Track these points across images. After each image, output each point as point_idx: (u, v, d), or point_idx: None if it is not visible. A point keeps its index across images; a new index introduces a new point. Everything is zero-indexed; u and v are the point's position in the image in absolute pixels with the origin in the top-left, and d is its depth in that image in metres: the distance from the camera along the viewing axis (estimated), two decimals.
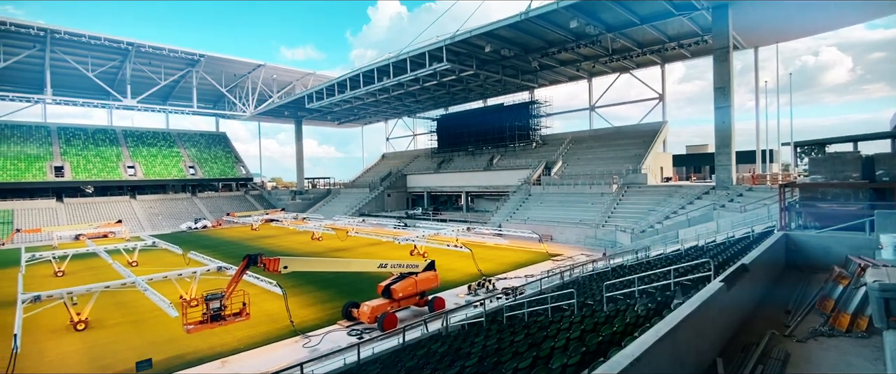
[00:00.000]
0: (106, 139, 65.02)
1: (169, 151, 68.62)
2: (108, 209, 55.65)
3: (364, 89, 47.25)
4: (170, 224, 55.04)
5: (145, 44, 51.66)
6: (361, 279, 21.41)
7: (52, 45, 48.19)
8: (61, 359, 13.84)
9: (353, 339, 14.76)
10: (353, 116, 72.18)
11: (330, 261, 16.30)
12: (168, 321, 16.14)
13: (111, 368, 13.03)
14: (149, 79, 57.51)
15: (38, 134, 59.99)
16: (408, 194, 65.15)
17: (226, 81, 63.47)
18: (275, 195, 75.14)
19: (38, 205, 52.53)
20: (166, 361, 13.29)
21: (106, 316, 17.81)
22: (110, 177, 58.64)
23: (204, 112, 69.81)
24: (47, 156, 56.93)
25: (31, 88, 55.06)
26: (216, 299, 14.09)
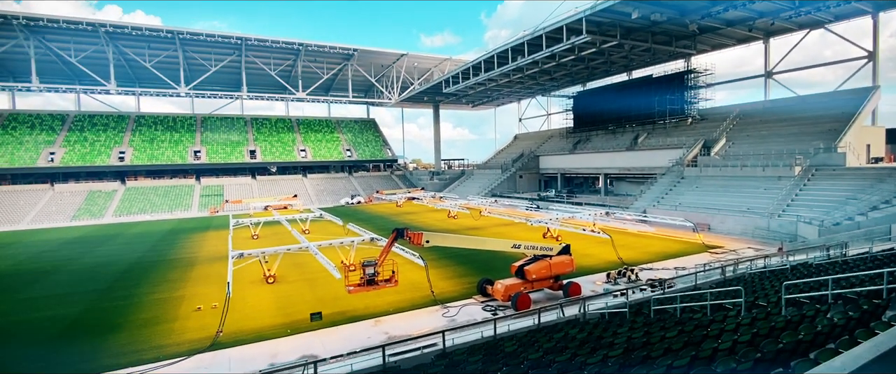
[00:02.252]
0: (284, 127, 77.63)
1: (330, 136, 78.82)
2: (287, 185, 66.73)
3: (498, 70, 47.22)
4: (332, 199, 63.62)
5: (311, 43, 59.57)
6: (495, 258, 21.85)
7: (246, 50, 58.88)
8: (258, 304, 17.23)
9: (488, 314, 15.22)
10: (486, 98, 72.99)
11: (466, 238, 16.97)
12: (333, 281, 18.77)
13: (293, 316, 15.74)
14: (314, 74, 66.44)
15: (238, 124, 74.52)
16: (540, 175, 63.80)
17: (374, 71, 69.83)
18: (415, 175, 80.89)
19: (239, 181, 65.74)
20: (331, 315, 15.53)
21: (287, 273, 21.52)
22: (288, 158, 70.07)
23: (357, 101, 78.08)
24: (244, 142, 70.46)
25: (231, 88, 68.38)
26: (371, 266, 15.85)
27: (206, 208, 55.51)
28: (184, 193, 59.50)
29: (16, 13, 46.14)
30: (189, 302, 17.64)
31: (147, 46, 55.40)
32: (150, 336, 14.29)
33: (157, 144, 64.25)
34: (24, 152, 55.83)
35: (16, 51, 51.16)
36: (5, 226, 45.26)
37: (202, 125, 71.51)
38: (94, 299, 18.82)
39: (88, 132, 62.66)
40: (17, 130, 59.28)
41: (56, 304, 18.21)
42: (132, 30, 50.68)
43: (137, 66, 58.28)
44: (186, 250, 29.92)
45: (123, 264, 25.55)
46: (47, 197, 53.02)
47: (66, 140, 59.95)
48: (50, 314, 16.82)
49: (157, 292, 19.53)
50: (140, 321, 15.74)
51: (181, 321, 15.56)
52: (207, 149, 66.03)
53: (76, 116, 65.06)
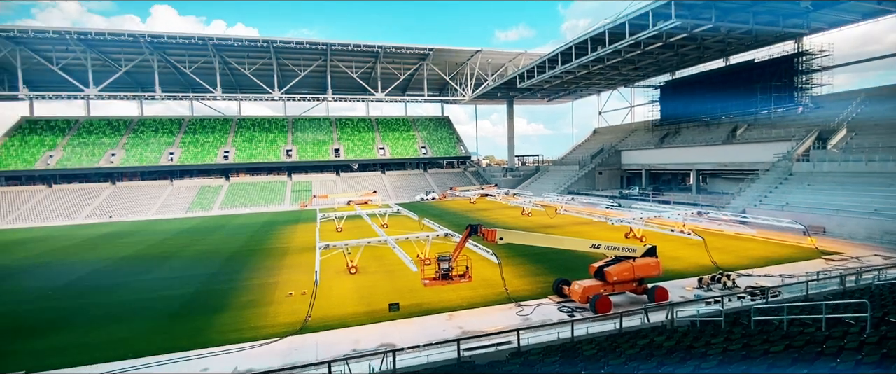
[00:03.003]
0: (365, 126, 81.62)
1: (406, 134, 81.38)
2: (367, 181, 70.15)
3: (576, 62, 45.39)
4: (408, 195, 65.70)
5: (389, 45, 61.86)
6: (572, 258, 21.11)
7: (330, 55, 62.74)
8: (342, 292, 18.33)
9: (564, 316, 14.76)
10: (562, 92, 70.58)
11: (542, 236, 16.58)
12: (409, 274, 19.40)
13: (373, 305, 16.54)
14: (392, 75, 68.99)
15: (324, 125, 79.74)
16: (622, 171, 60.34)
17: (448, 69, 70.74)
18: (488, 172, 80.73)
19: (325, 178, 70.38)
20: (408, 306, 16.06)
21: (368, 265, 22.64)
22: (368, 156, 73.61)
23: (432, 99, 79.74)
24: (330, 141, 75.25)
25: (318, 90, 73.27)
26: (446, 261, 16.13)
27: (296, 203, 60.24)
28: (277, 188, 65.08)
29: (142, 32, 53.47)
30: (282, 288, 19.28)
31: (246, 55, 61.26)
32: (249, 317, 15.86)
33: (255, 144, 70.92)
34: (150, 153, 64.70)
35: (143, 65, 59.33)
36: (136, 216, 52.89)
37: (293, 126, 77.59)
38: (203, 281, 21.31)
39: (199, 134, 70.91)
40: (144, 133, 68.89)
41: (174, 285, 20.90)
42: (234, 41, 56.34)
43: (238, 73, 64.69)
44: (279, 240, 32.71)
45: (227, 252, 28.60)
46: (168, 191, 60.98)
47: (182, 142, 68.42)
48: (170, 294, 19.35)
49: (254, 277, 21.61)
50: (241, 304, 17.52)
51: (275, 306, 17.06)
52: (298, 148, 71.51)
53: (190, 120, 73.96)
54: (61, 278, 23.04)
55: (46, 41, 52.72)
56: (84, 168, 60.26)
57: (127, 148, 64.77)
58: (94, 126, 68.46)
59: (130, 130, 69.08)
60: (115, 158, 62.36)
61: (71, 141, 64.40)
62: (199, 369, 11.86)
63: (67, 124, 67.85)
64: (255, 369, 11.12)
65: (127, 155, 63.40)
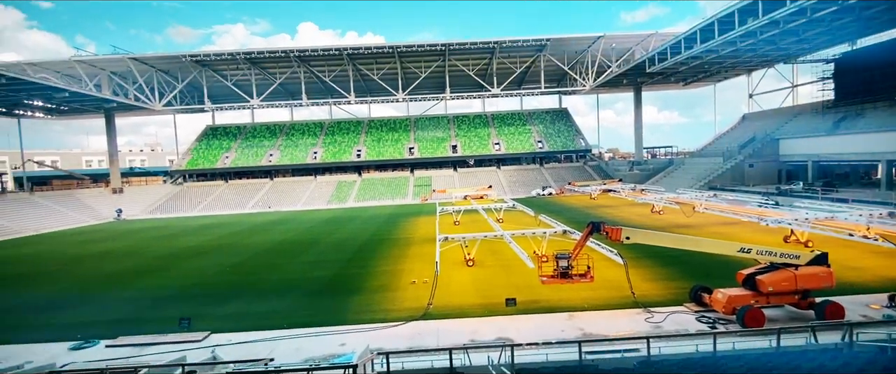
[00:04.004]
0: (480, 123, 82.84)
1: (522, 128, 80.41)
2: (483, 177, 71.18)
3: (719, 39, 39.76)
4: (523, 190, 64.98)
5: (505, 40, 61.62)
6: (713, 262, 18.69)
7: (448, 55, 64.89)
8: (460, 283, 18.94)
9: (703, 326, 13.16)
10: (701, 74, 62.55)
11: (676, 237, 14.95)
12: (526, 269, 19.19)
13: (490, 298, 16.77)
14: (507, 69, 68.67)
15: (442, 122, 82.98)
16: (780, 163, 51.25)
17: (567, 59, 67.81)
18: (612, 166, 75.59)
19: (443, 173, 73.30)
20: (525, 303, 15.90)
21: (484, 258, 22.99)
22: (484, 152, 74.62)
23: (549, 91, 77.29)
24: (448, 138, 78.08)
25: (437, 90, 76.46)
26: (565, 259, 15.57)
27: (418, 197, 63.94)
28: (401, 183, 69.83)
29: (292, 48, 61.66)
30: (406, 276, 20.66)
31: (374, 62, 66.67)
32: (379, 301, 17.33)
33: (382, 142, 77.02)
34: (299, 152, 74.59)
35: (293, 77, 68.45)
36: (289, 207, 61.51)
37: (415, 125, 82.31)
38: (341, 266, 23.88)
39: (337, 135, 79.49)
40: (294, 136, 79.66)
41: (318, 267, 23.82)
42: (364, 49, 61.73)
43: (368, 78, 70.75)
44: (404, 231, 35.07)
45: (360, 240, 31.62)
46: (312, 186, 69.66)
47: (323, 142, 77.47)
48: (315, 275, 22.11)
49: (383, 265, 23.52)
50: (373, 288, 19.23)
51: (401, 291, 18.35)
52: (419, 145, 75.72)
53: (329, 123, 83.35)
54: (235, 257, 27.94)
55: (222, 62, 64.09)
56: (250, 166, 72.19)
57: (281, 149, 75.69)
58: (257, 131, 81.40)
59: (284, 133, 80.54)
60: (273, 158, 73.36)
61: (241, 144, 77.56)
62: (337, 343, 13.36)
63: (238, 130, 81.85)
64: (384, 348, 12.12)
65: (282, 155, 74.14)
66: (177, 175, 74.06)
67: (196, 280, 22.38)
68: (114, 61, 59.21)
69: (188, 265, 26.07)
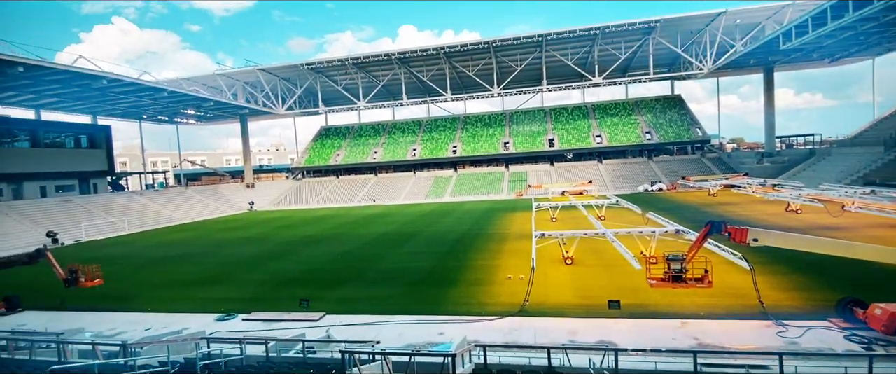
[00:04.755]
0: (579, 114, 79.15)
1: (627, 119, 75.04)
2: (582, 171, 68.05)
3: (879, 4, 32.84)
4: (628, 186, 60.71)
5: (608, 25, 57.90)
6: (866, 272, 15.59)
7: (545, 46, 62.98)
8: (558, 282, 18.39)
9: (854, 346, 11.12)
10: (854, 47, 52.24)
11: (819, 240, 12.75)
12: (631, 271, 17.97)
13: (589, 299, 16.04)
14: (610, 56, 64.46)
15: (538, 116, 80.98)
16: None
17: (681, 40, 61.49)
18: (736, 158, 67.09)
19: (539, 168, 71.58)
20: (629, 305, 14.89)
21: (584, 257, 22.02)
22: (583, 145, 71.23)
23: (659, 77, 70.92)
24: (544, 131, 76.01)
25: (533, 82, 74.71)
26: (677, 261, 14.26)
27: (513, 192, 63.38)
28: (496, 178, 69.80)
29: (393, 51, 64.94)
30: (502, 271, 20.65)
31: (470, 58, 67.34)
32: (475, 294, 17.59)
33: (477, 138, 77.69)
34: (400, 149, 78.57)
35: (394, 78, 72.14)
36: (390, 200, 65.22)
37: (510, 119, 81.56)
38: (439, 258, 24.69)
39: (434, 132, 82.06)
40: (395, 134, 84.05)
41: (418, 258, 24.91)
42: (460, 47, 62.65)
43: (464, 75, 71.74)
44: (499, 226, 35.06)
45: (457, 234, 32.35)
46: (412, 181, 72.93)
47: (421, 139, 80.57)
48: (415, 266, 23.16)
49: (479, 259, 23.80)
50: (469, 281, 19.59)
51: (497, 286, 18.41)
52: (514, 140, 74.91)
53: (427, 121, 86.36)
54: (344, 246, 30.46)
55: (333, 68, 69.90)
56: (357, 163, 77.96)
57: (384, 147, 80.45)
58: (363, 130, 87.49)
59: (386, 132, 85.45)
60: (377, 155, 78.32)
61: (350, 143, 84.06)
62: (436, 332, 13.87)
63: (347, 130, 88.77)
64: (480, 340, 12.30)
65: (384, 152, 78.82)
66: (296, 172, 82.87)
67: (312, 266, 24.86)
68: (246, 73, 68.03)
69: (306, 252, 29.07)
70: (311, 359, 10.63)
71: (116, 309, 18.39)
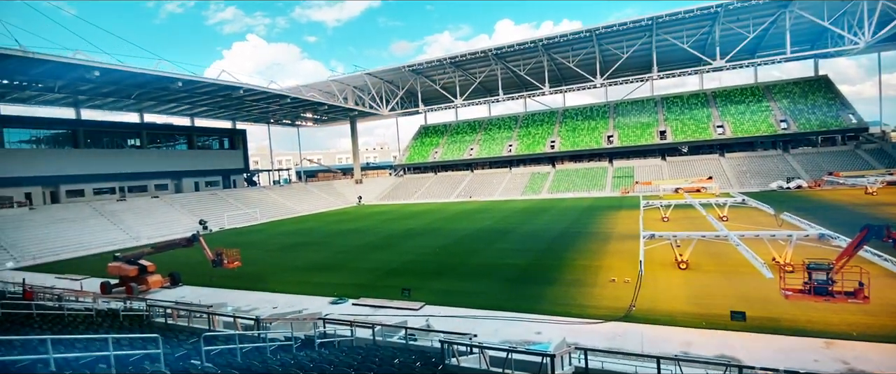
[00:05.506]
0: (697, 103, 71.31)
1: (757, 106, 65.76)
2: (700, 166, 61.37)
3: None
4: (758, 182, 53.32)
5: (732, 1, 51.14)
6: None
7: (656, 29, 57.78)
8: (669, 287, 16.88)
9: None
10: None
11: None
12: (759, 279, 15.77)
13: (707, 308, 14.45)
14: (736, 35, 56.87)
15: (647, 106, 74.74)
16: None
17: (827, 11, 51.90)
18: None
19: (648, 163, 66.12)
20: (758, 319, 13.10)
21: (701, 262, 19.88)
22: (701, 137, 64.06)
23: (798, 56, 60.75)
24: (654, 123, 69.96)
25: (641, 70, 69.10)
26: (822, 271, 12.18)
27: (617, 189, 59.53)
28: (599, 174, 66.15)
29: (489, 47, 64.91)
30: (605, 273, 19.56)
31: (570, 49, 64.56)
32: (574, 295, 16.93)
33: (577, 132, 74.35)
34: (495, 146, 78.49)
35: (490, 74, 72.10)
36: (486, 197, 65.55)
37: (614, 111, 76.60)
38: (535, 256, 24.21)
39: (531, 127, 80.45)
40: (491, 130, 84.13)
41: (513, 255, 24.71)
42: (559, 37, 60.37)
43: (563, 67, 69.08)
44: (601, 225, 33.23)
45: (554, 232, 31.40)
46: (507, 177, 72.45)
47: (518, 135, 79.55)
48: (510, 262, 23.02)
49: (578, 259, 22.83)
50: (567, 281, 18.91)
51: (599, 288, 17.50)
52: (619, 133, 70.19)
53: (523, 116, 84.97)
54: (442, 240, 31.39)
55: (431, 68, 72.15)
56: (454, 160, 79.69)
57: (480, 143, 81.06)
58: (460, 128, 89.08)
59: (482, 128, 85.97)
60: (473, 152, 79.23)
61: (447, 140, 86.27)
62: (533, 331, 13.66)
63: (445, 128, 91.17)
64: (580, 343, 11.82)
65: (480, 149, 79.41)
66: (398, 169, 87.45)
67: (413, 257, 26.08)
68: (355, 78, 73.43)
69: (407, 244, 30.59)
70: (412, 346, 11.20)
71: (251, 288, 21.26)
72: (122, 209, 47.82)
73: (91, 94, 47.77)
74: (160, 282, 22.46)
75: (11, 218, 39.72)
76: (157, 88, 47.71)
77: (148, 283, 21.93)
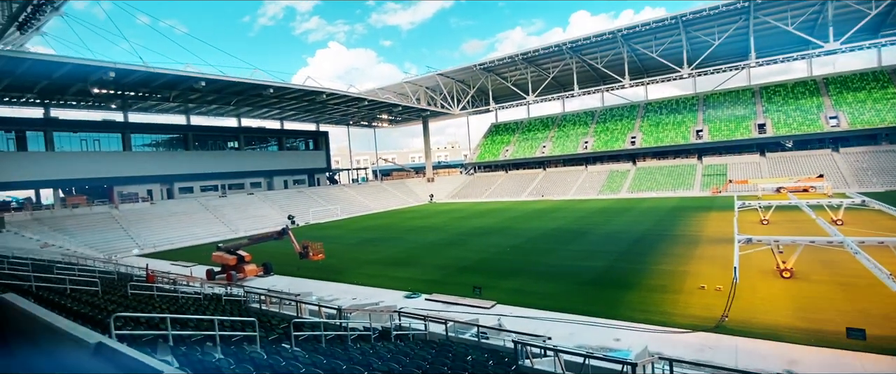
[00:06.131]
0: (805, 91, 63.19)
1: (880, 93, 56.71)
2: (807, 163, 54.44)
3: None
4: (883, 181, 46.08)
5: None
6: None
7: (754, 11, 52.09)
8: (769, 297, 15.20)
9: None
10: None
11: None
12: (884, 293, 13.65)
13: (816, 323, 12.81)
14: (854, 13, 49.52)
15: (743, 97, 67.66)
16: None
17: None
18: None
19: (744, 159, 59.90)
20: (881, 339, 11.36)
21: (809, 270, 17.66)
22: (809, 130, 56.70)
23: None
24: (751, 115, 63.18)
25: (735, 57, 62.74)
26: None
27: (707, 188, 54.74)
28: (685, 172, 61.27)
29: (564, 40, 62.79)
30: (692, 279, 18.11)
31: (653, 38, 60.44)
32: (657, 301, 15.87)
33: (661, 127, 69.41)
34: (570, 143, 75.83)
35: (565, 69, 69.82)
36: (559, 196, 63.61)
37: (704, 103, 70.42)
38: (612, 259, 23.05)
39: (609, 123, 76.58)
40: (565, 127, 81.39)
41: (589, 257, 23.74)
42: (641, 26, 56.77)
43: (645, 58, 64.91)
44: (689, 227, 30.78)
45: (634, 234, 29.66)
46: (582, 176, 69.68)
47: (594, 131, 76.16)
48: (586, 264, 22.14)
49: (662, 263, 21.36)
50: (649, 286, 17.78)
51: (685, 296, 16.25)
52: (709, 127, 64.40)
53: (601, 111, 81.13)
54: (514, 239, 31.04)
55: (503, 66, 71.45)
56: (526, 158, 78.32)
57: (553, 140, 78.84)
58: (532, 125, 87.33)
59: (555, 125, 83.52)
60: (545, 149, 77.28)
61: (518, 138, 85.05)
62: (611, 337, 13.03)
63: (516, 125, 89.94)
64: (664, 353, 11.07)
65: (553, 146, 77.23)
66: (469, 167, 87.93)
67: (484, 256, 26.10)
68: (427, 79, 75.03)
69: (478, 242, 30.68)
70: (484, 344, 11.23)
71: (332, 280, 22.66)
72: (224, 205, 53.37)
73: (198, 102, 53.82)
74: (255, 271, 24.74)
75: (137, 211, 46.08)
76: (252, 95, 52.53)
77: (245, 271, 24.27)
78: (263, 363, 6.53)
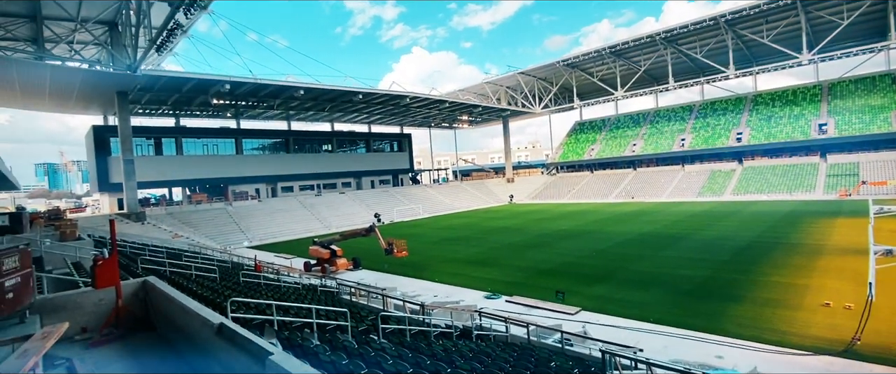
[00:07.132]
0: None
1: None
2: None
3: None
4: None
5: None
6: None
7: None
8: None
9: None
10: None
11: None
12: None
13: None
14: None
15: (880, 84, 57.45)
16: None
17: None
18: None
19: (881, 157, 50.74)
20: None
21: None
22: None
23: None
24: (890, 105, 53.43)
25: (869, 38, 53.57)
26: None
27: (833, 190, 47.46)
28: (805, 172, 53.69)
29: (657, 31, 58.38)
30: (814, 294, 15.83)
31: (764, 21, 53.89)
32: (769, 318, 14.11)
33: (773, 121, 61.57)
34: (664, 140, 70.26)
35: (658, 61, 64.92)
36: (652, 197, 59.25)
37: (828, 93, 61.11)
38: (715, 267, 20.92)
39: (710, 118, 69.67)
40: (659, 123, 75.58)
41: (686, 265, 21.81)
42: (749, 9, 50.90)
43: (754, 44, 58.13)
44: (809, 235, 26.95)
45: (741, 241, 26.66)
46: (679, 176, 64.20)
47: (692, 127, 69.78)
48: (682, 273, 20.37)
49: (775, 275, 18.94)
50: (759, 299, 15.88)
51: (804, 313, 14.25)
52: (836, 120, 55.73)
53: (700, 105, 74.08)
54: (601, 243, 29.56)
55: (589, 61, 68.39)
56: (613, 157, 74.13)
57: (645, 138, 73.65)
58: (621, 122, 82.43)
59: (647, 121, 77.94)
60: (636, 148, 72.46)
61: (605, 136, 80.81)
62: (713, 354, 11.85)
63: (603, 123, 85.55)
64: None
65: (645, 144, 72.15)
66: (551, 167, 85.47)
67: (568, 259, 25.21)
68: (507, 78, 74.39)
69: (562, 245, 29.70)
70: (569, 351, 10.86)
71: (415, 276, 23.43)
72: (318, 203, 57.79)
73: (297, 108, 58.89)
74: (346, 265, 26.45)
75: (248, 208, 51.68)
76: (343, 101, 56.22)
77: (337, 265, 26.05)
78: (354, 352, 6.96)
